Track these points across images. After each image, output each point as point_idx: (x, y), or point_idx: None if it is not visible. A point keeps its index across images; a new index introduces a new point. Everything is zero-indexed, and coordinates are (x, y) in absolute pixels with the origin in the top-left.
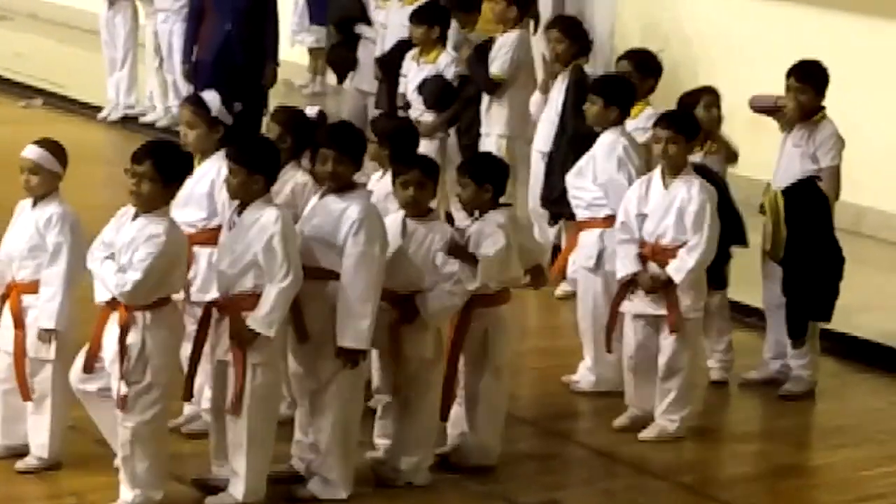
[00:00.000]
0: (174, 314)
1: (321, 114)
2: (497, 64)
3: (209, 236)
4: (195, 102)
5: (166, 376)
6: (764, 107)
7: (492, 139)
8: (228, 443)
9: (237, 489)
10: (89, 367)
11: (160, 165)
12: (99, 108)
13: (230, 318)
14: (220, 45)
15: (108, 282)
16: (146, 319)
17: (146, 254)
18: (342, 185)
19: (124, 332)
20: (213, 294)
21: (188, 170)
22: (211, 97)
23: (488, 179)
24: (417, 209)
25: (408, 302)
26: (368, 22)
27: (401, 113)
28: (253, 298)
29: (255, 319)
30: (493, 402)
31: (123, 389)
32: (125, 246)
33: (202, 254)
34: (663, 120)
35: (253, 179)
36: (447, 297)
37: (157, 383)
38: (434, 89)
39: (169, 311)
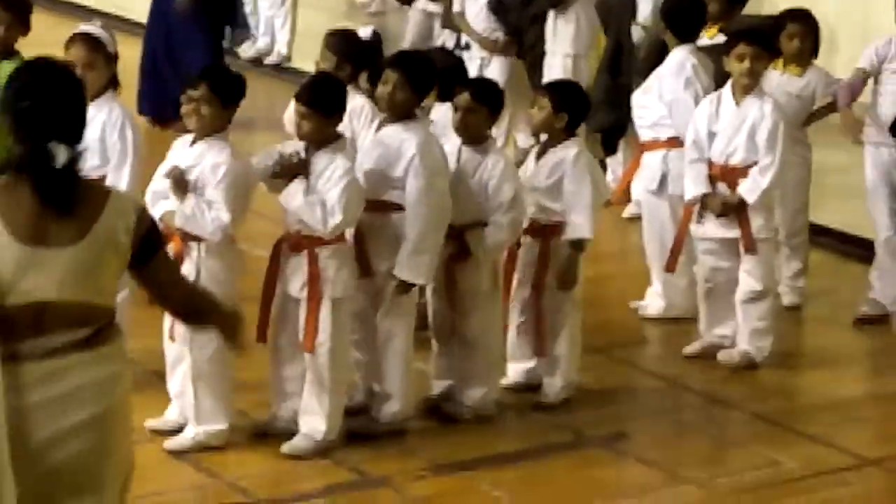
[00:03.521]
0: (230, 247)
1: (375, 34)
2: None
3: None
4: (89, 39)
5: None
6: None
7: (558, 58)
8: (306, 380)
9: (317, 428)
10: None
11: (216, 87)
12: None
13: (309, 255)
14: None
15: (205, 225)
16: (201, 250)
17: (223, 192)
18: (401, 113)
19: (179, 262)
20: None
21: (242, 91)
22: (100, 31)
23: (565, 108)
24: (467, 135)
25: (461, 236)
26: None
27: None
28: (323, 240)
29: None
30: (574, 333)
31: (178, 323)
32: (185, 170)
33: None
34: (748, 37)
35: (327, 122)
36: (497, 231)
37: None
38: (514, 13)
39: (225, 243)
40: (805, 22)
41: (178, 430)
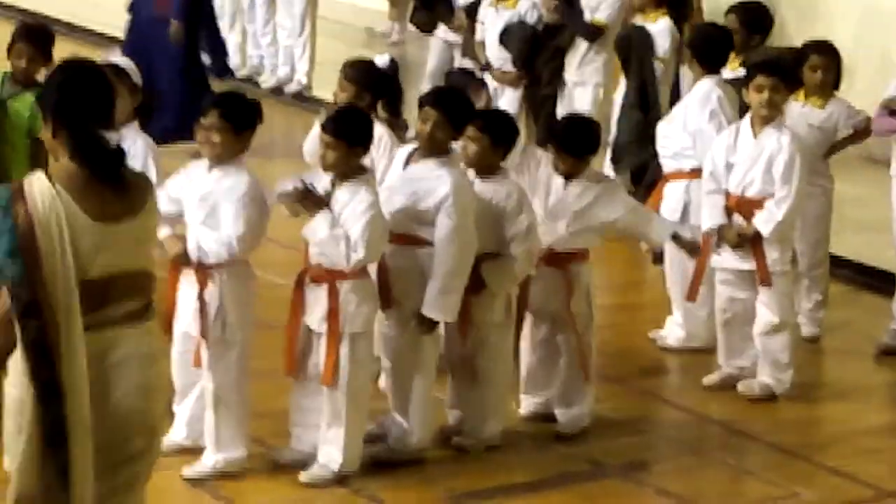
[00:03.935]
0: (246, 269)
1: (392, 62)
2: (605, 12)
3: None
4: (113, 69)
5: (245, 333)
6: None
7: (588, 88)
8: (324, 412)
9: (333, 459)
10: (166, 329)
11: (228, 115)
12: None
13: (330, 289)
14: None
15: (209, 246)
16: (222, 276)
17: (236, 208)
18: (438, 150)
19: (202, 289)
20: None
21: (256, 118)
22: (126, 62)
23: (588, 152)
24: (471, 164)
25: (475, 268)
26: None
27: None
28: (345, 274)
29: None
30: (592, 362)
31: (203, 348)
32: (202, 197)
33: None
34: (766, 68)
35: (353, 153)
36: (513, 263)
37: (237, 341)
38: (521, 44)
39: (242, 266)
40: (828, 53)
41: (180, 451)
